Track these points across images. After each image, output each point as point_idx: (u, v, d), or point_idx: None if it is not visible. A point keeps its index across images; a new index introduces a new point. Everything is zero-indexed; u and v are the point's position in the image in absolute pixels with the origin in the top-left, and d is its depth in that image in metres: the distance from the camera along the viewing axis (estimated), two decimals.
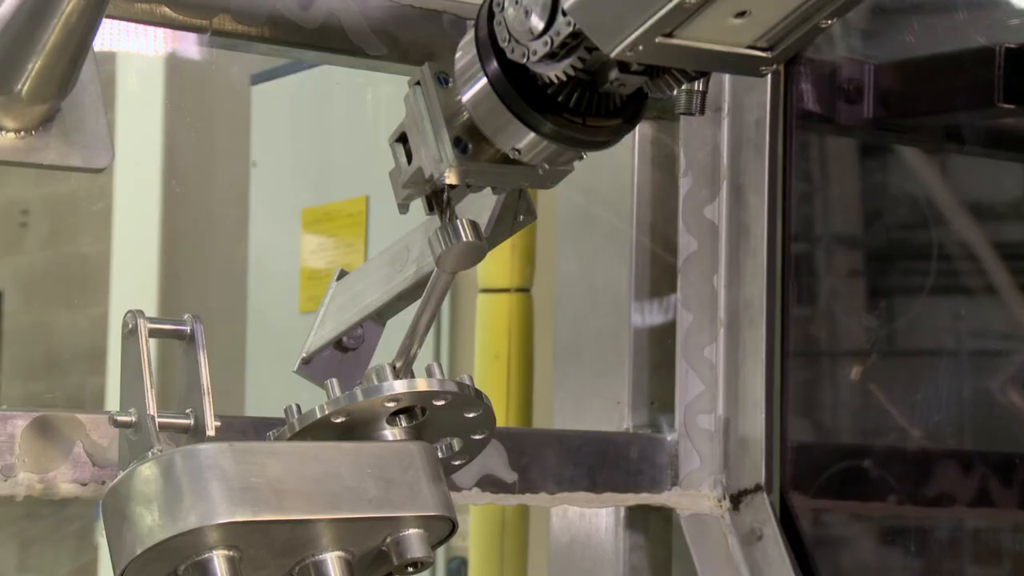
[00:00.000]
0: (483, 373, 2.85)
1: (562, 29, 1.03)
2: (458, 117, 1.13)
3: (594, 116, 1.10)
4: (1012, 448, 2.03)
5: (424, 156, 1.14)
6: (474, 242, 1.16)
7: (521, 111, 1.09)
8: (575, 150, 1.12)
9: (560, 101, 1.09)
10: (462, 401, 1.21)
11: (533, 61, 1.05)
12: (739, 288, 1.75)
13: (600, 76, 1.07)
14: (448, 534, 1.20)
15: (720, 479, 1.74)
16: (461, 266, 1.18)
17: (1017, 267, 2.11)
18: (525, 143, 1.11)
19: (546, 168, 1.14)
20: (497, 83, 1.09)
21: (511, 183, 1.17)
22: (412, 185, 1.17)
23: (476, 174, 1.14)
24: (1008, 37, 1.96)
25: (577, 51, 1.04)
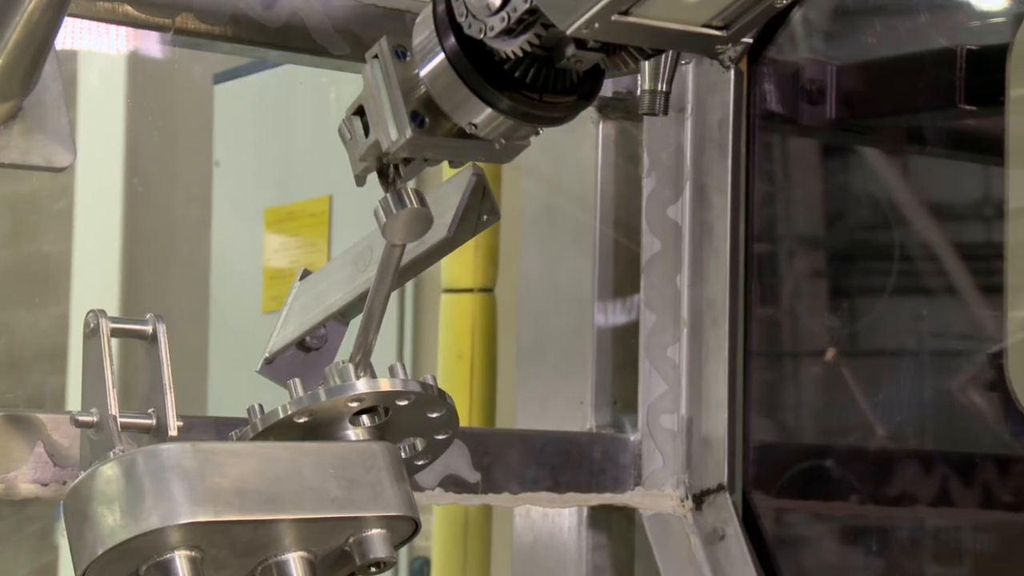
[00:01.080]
0: (446, 373, 2.85)
1: (519, 5, 1.03)
2: (415, 91, 1.13)
3: (551, 92, 1.11)
4: (973, 448, 2.04)
5: (381, 129, 1.14)
6: (419, 209, 1.16)
7: (478, 86, 1.10)
8: (531, 126, 1.13)
9: (517, 77, 1.10)
10: (425, 401, 1.21)
11: (490, 37, 1.06)
12: (702, 288, 1.76)
13: (557, 52, 1.08)
14: (411, 534, 1.20)
15: (683, 479, 1.75)
16: (408, 236, 1.17)
17: (978, 268, 2.12)
18: (482, 118, 1.11)
19: (503, 143, 1.15)
20: (454, 58, 1.09)
21: (468, 157, 1.18)
22: (369, 158, 1.17)
23: (433, 148, 1.15)
24: (969, 39, 1.97)
25: (534, 27, 1.04)
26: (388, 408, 1.21)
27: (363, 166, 1.17)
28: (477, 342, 2.84)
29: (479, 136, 1.13)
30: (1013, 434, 2.05)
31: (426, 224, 1.17)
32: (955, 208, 2.20)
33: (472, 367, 2.83)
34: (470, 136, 1.13)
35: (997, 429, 2.05)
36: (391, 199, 1.16)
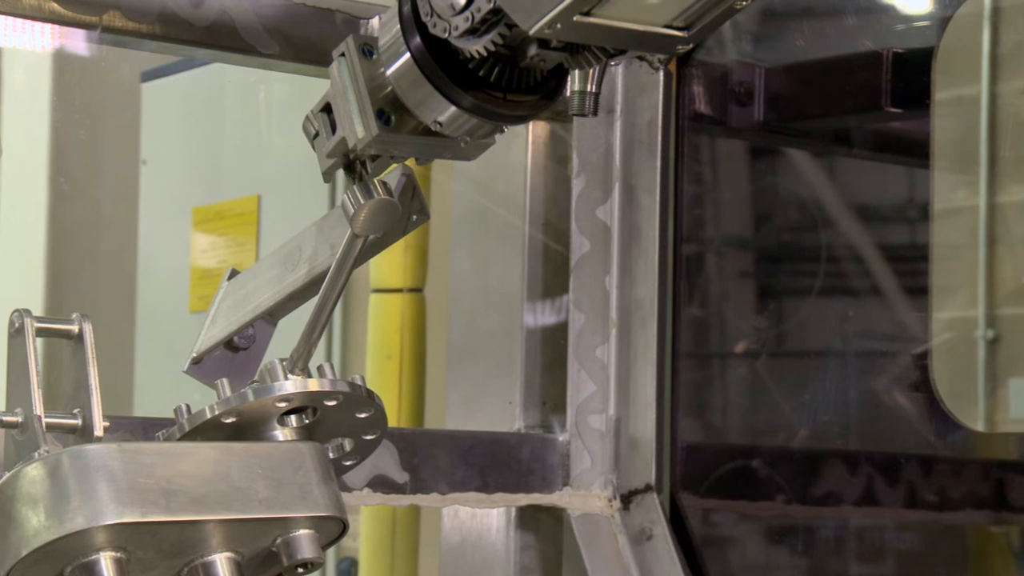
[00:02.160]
0: (375, 373, 2.84)
1: (483, 5, 1.05)
2: (382, 89, 1.14)
3: (514, 91, 1.12)
4: (897, 448, 2.06)
5: (347, 127, 1.15)
6: (387, 199, 1.17)
7: (442, 85, 1.11)
8: (496, 124, 1.14)
9: (481, 76, 1.11)
10: (354, 401, 1.21)
11: (455, 36, 1.07)
12: (631, 289, 1.76)
13: (520, 52, 1.09)
14: (339, 535, 1.20)
15: (611, 479, 1.75)
16: (375, 226, 1.18)
17: (903, 269, 2.14)
18: (446, 116, 1.13)
19: (468, 141, 1.16)
20: (419, 57, 1.11)
21: (433, 155, 1.19)
22: (336, 154, 1.17)
23: (399, 145, 1.16)
24: (895, 42, 1.98)
25: (497, 27, 1.06)
26: (316, 408, 1.20)
27: (330, 163, 1.18)
28: (406, 342, 2.84)
29: (444, 134, 1.14)
30: (937, 434, 2.07)
31: (393, 214, 1.18)
32: (881, 210, 2.21)
33: (401, 367, 2.83)
34: (435, 134, 1.15)
35: (922, 429, 2.07)
36: (358, 191, 1.16)
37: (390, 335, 2.85)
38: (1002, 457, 2.18)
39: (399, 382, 2.83)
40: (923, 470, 1.97)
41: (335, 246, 1.27)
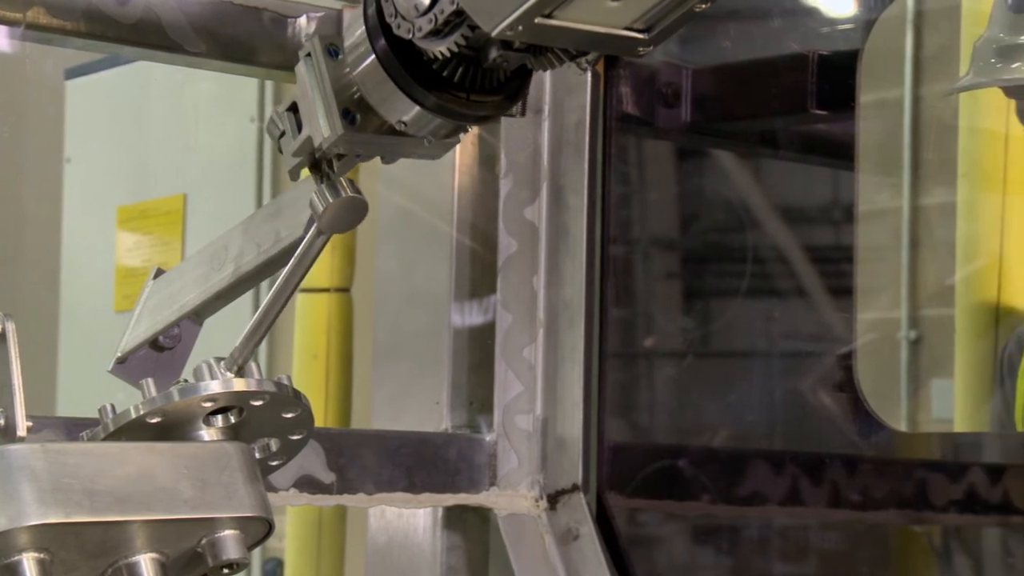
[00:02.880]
0: (301, 373, 2.83)
1: (446, 7, 1.06)
2: (347, 89, 1.15)
3: (478, 91, 1.13)
4: (822, 448, 2.07)
5: (313, 126, 1.16)
6: (355, 197, 1.17)
7: (407, 86, 1.12)
8: (459, 123, 1.15)
9: (445, 76, 1.12)
10: (280, 401, 1.21)
11: (419, 37, 1.08)
12: (558, 289, 1.76)
13: (483, 53, 1.10)
14: (264, 535, 1.19)
15: (538, 479, 1.75)
16: (342, 225, 1.19)
17: (828, 270, 2.15)
18: (411, 116, 1.14)
19: (431, 140, 1.17)
20: (384, 58, 1.12)
21: (398, 154, 1.20)
22: (302, 153, 1.18)
23: (364, 144, 1.17)
24: (821, 44, 2.00)
25: (461, 28, 1.07)
26: (242, 408, 1.20)
27: (296, 161, 1.19)
28: (333, 342, 2.83)
29: (409, 133, 1.15)
30: (861, 434, 2.08)
31: (360, 212, 1.19)
32: (807, 211, 2.23)
33: (328, 367, 2.82)
34: (400, 133, 1.16)
35: (846, 429, 2.09)
36: (325, 189, 1.17)
37: (316, 335, 2.84)
38: (924, 457, 2.20)
39: (325, 382, 2.82)
40: (847, 470, 1.99)
41: (261, 245, 1.27)
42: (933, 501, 2.01)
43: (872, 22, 2.09)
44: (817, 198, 2.24)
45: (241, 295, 1.32)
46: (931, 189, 2.65)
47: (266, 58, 1.50)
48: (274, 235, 1.28)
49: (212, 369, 1.19)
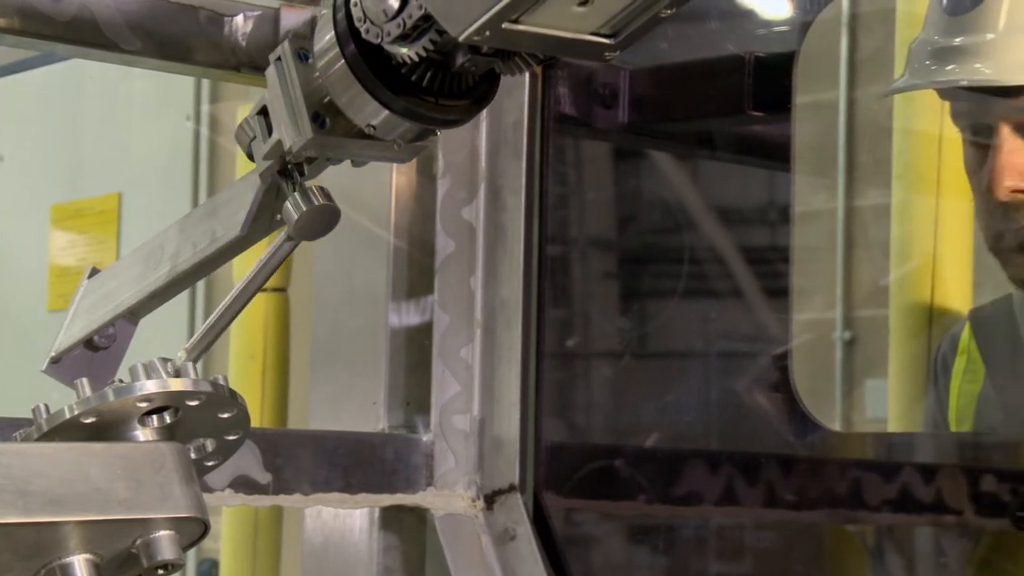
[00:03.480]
0: (238, 373, 2.82)
1: (414, 12, 1.06)
2: (317, 93, 1.16)
3: (446, 95, 1.14)
4: (757, 448, 2.08)
5: (283, 129, 1.17)
6: (327, 204, 1.19)
7: (376, 90, 1.13)
8: (428, 127, 1.16)
9: (413, 81, 1.13)
10: (216, 401, 1.20)
11: (387, 42, 1.09)
12: (496, 289, 1.77)
13: (451, 57, 1.11)
14: (200, 536, 1.19)
15: (474, 479, 1.75)
16: (314, 232, 1.19)
17: (764, 271, 2.16)
18: (380, 120, 1.14)
19: (400, 144, 1.18)
20: (353, 62, 1.13)
21: (368, 157, 1.21)
22: (272, 156, 1.19)
23: (334, 148, 1.18)
24: (757, 46, 2.01)
25: (429, 33, 1.08)
26: (178, 408, 1.19)
27: (267, 164, 1.20)
28: (269, 342, 2.83)
29: (378, 137, 1.16)
30: (797, 434, 2.10)
31: (334, 219, 1.19)
32: (744, 212, 2.24)
33: (264, 367, 2.81)
34: (369, 137, 1.16)
35: (782, 429, 2.10)
36: (299, 197, 1.18)
37: (253, 335, 2.83)
38: (858, 456, 2.22)
39: (262, 382, 2.81)
40: (782, 470, 2.00)
41: (198, 244, 1.27)
42: (867, 501, 2.03)
43: (808, 24, 2.10)
44: (753, 199, 2.26)
45: (177, 294, 1.31)
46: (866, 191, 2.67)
47: (202, 56, 1.50)
48: (210, 234, 1.27)
49: (147, 369, 1.19)
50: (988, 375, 2.06)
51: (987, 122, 1.91)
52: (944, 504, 2.04)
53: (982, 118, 1.92)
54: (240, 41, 1.46)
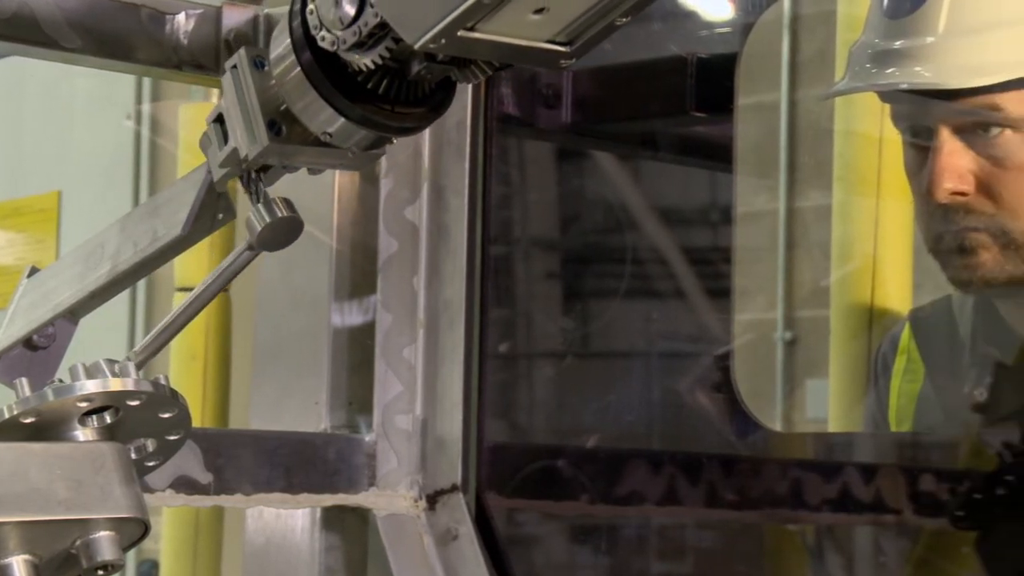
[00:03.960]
0: (179, 373, 2.82)
1: (370, 19, 1.07)
2: (273, 100, 1.16)
3: (403, 103, 1.14)
4: (699, 448, 2.09)
5: (239, 137, 1.17)
6: (291, 216, 1.18)
7: (331, 97, 1.13)
8: (384, 135, 1.16)
9: (370, 88, 1.13)
10: (157, 401, 1.20)
11: (343, 50, 1.09)
12: (439, 289, 1.77)
13: (407, 65, 1.12)
14: (140, 536, 1.18)
15: (417, 479, 1.75)
16: (276, 244, 1.20)
17: (706, 271, 2.17)
18: (336, 128, 1.15)
19: (356, 152, 1.18)
20: (309, 70, 1.13)
21: (324, 165, 1.21)
22: (228, 165, 1.19)
23: (289, 155, 1.18)
24: (699, 47, 2.01)
25: (385, 41, 1.08)
26: (119, 408, 1.19)
27: (223, 172, 1.20)
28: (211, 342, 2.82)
29: (334, 145, 1.16)
30: (738, 434, 2.11)
31: (297, 230, 1.19)
32: (686, 213, 2.25)
33: (206, 367, 2.80)
34: (326, 144, 1.16)
35: (723, 429, 2.11)
36: (262, 209, 1.18)
37: (195, 335, 2.82)
38: (799, 456, 2.23)
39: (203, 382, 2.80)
40: (724, 470, 2.01)
41: (138, 244, 1.26)
42: (807, 500, 2.04)
43: (750, 26, 2.11)
44: (695, 200, 2.26)
45: (118, 294, 1.31)
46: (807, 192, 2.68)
47: (143, 54, 1.49)
48: (151, 234, 1.27)
49: (88, 369, 1.18)
50: (927, 375, 2.08)
51: (927, 125, 1.92)
52: (883, 504, 2.05)
53: (922, 121, 1.93)
54: (182, 39, 1.45)
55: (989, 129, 1.87)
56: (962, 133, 1.89)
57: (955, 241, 1.90)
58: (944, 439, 2.13)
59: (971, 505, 1.93)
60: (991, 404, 1.99)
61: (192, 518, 2.82)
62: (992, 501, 1.90)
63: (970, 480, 1.97)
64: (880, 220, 2.47)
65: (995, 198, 1.88)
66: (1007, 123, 1.86)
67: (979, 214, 1.89)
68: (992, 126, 1.87)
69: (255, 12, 1.42)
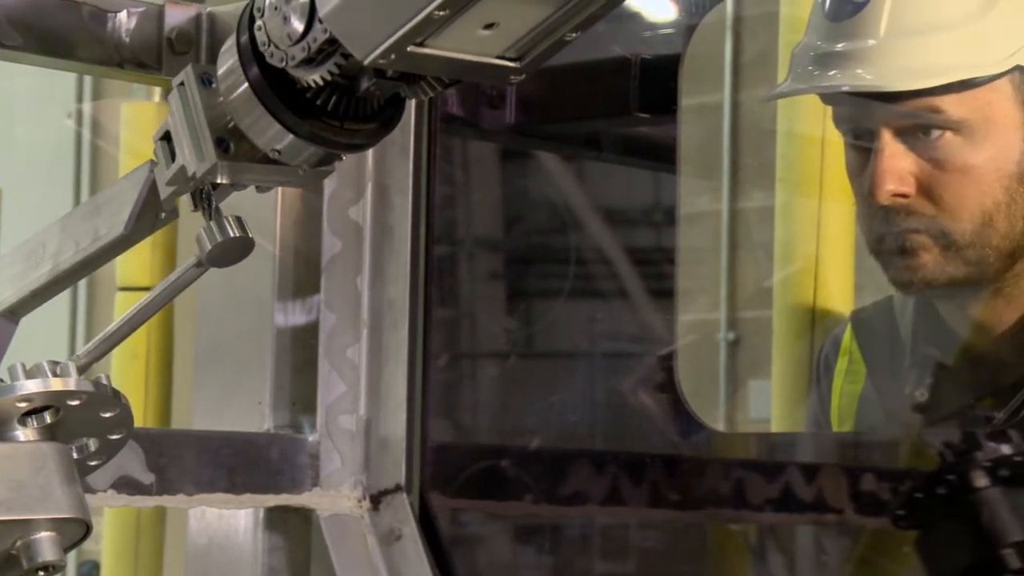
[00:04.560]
0: (121, 372, 2.80)
1: (319, 35, 1.06)
2: (221, 118, 1.15)
3: (352, 119, 1.14)
4: (643, 448, 2.10)
5: (187, 155, 1.16)
6: (242, 236, 1.18)
7: (280, 114, 1.12)
8: (334, 152, 1.16)
9: (319, 105, 1.12)
10: (98, 401, 1.19)
11: (292, 66, 1.09)
12: (383, 289, 1.76)
13: (357, 81, 1.11)
14: (82, 537, 1.18)
15: (360, 479, 1.75)
16: (226, 262, 1.20)
17: (650, 272, 2.18)
18: (284, 144, 1.14)
19: (305, 169, 1.17)
20: (257, 86, 1.12)
21: (273, 182, 1.20)
22: (176, 183, 1.18)
23: (238, 173, 1.17)
24: (643, 48, 2.02)
25: (334, 57, 1.07)
26: (59, 408, 1.18)
27: (170, 191, 1.19)
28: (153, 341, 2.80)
29: (283, 162, 1.16)
30: (682, 434, 2.11)
31: (247, 250, 1.19)
32: (630, 214, 2.25)
33: (148, 366, 2.79)
34: (274, 162, 1.16)
35: (667, 429, 2.11)
36: (214, 227, 1.18)
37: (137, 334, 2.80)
38: (741, 456, 2.24)
39: (145, 381, 2.79)
40: (667, 470, 2.01)
41: (80, 243, 1.26)
42: (750, 500, 2.05)
43: (693, 27, 2.12)
44: (639, 200, 2.27)
45: (59, 293, 1.30)
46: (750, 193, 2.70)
47: (85, 53, 1.48)
48: (93, 233, 1.26)
49: (28, 369, 1.17)
50: (869, 375, 2.09)
51: (869, 127, 1.93)
52: (825, 503, 2.06)
53: (864, 123, 1.94)
54: (124, 38, 1.45)
55: (930, 131, 1.88)
56: (903, 135, 1.90)
57: (896, 242, 1.91)
58: (885, 439, 2.14)
59: (912, 505, 1.94)
60: (931, 404, 2.00)
61: (134, 519, 2.81)
62: (932, 501, 1.91)
63: (911, 480, 1.98)
64: (822, 221, 2.48)
65: (936, 200, 1.90)
66: (948, 125, 1.88)
67: (920, 216, 1.90)
68: (933, 128, 1.88)
69: (197, 11, 1.41)
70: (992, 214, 1.88)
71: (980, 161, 1.88)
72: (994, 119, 1.88)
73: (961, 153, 1.88)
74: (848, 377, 2.10)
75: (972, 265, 1.90)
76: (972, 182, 1.88)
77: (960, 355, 2.02)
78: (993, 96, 1.87)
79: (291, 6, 1.07)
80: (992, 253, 1.89)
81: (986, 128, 1.88)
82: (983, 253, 1.89)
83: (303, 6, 1.06)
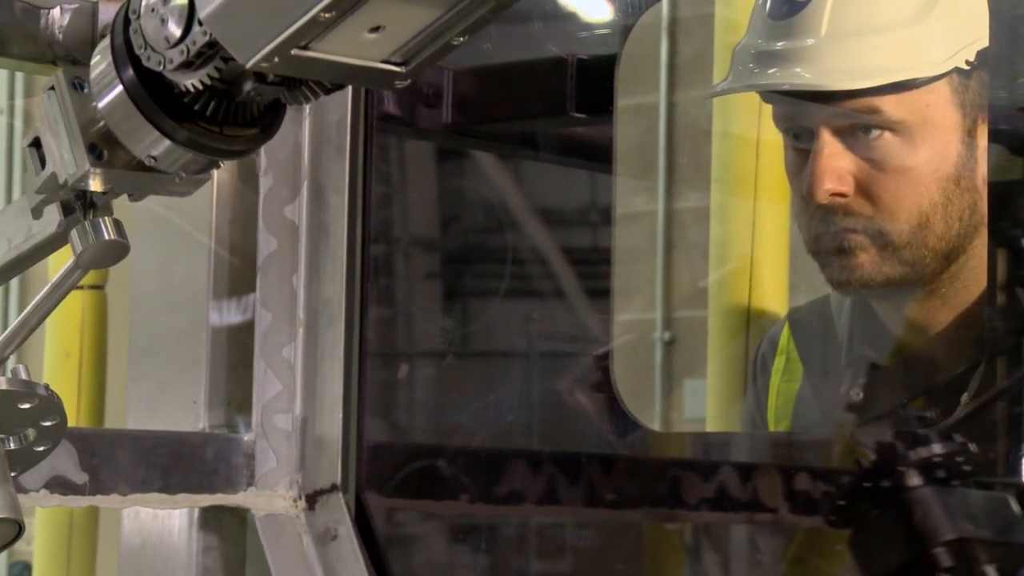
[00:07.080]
0: (54, 371, 2.78)
1: (198, 39, 1.04)
2: (94, 123, 1.12)
3: (231, 125, 1.11)
4: (579, 447, 2.10)
5: (58, 161, 1.13)
6: (117, 240, 1.15)
7: (156, 119, 1.10)
8: (212, 158, 1.13)
9: (197, 109, 1.10)
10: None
11: (169, 70, 1.06)
12: (319, 288, 1.76)
13: (237, 86, 1.08)
14: (14, 537, 1.16)
15: (296, 479, 1.74)
16: (101, 264, 1.17)
17: (586, 272, 2.18)
18: (161, 151, 1.11)
19: (183, 176, 1.15)
20: (132, 90, 1.09)
21: (148, 190, 1.17)
22: (45, 190, 1.15)
23: (111, 180, 1.14)
24: (579, 48, 2.02)
25: (213, 60, 1.05)
26: None
27: (40, 198, 1.16)
28: (86, 340, 2.78)
29: (159, 169, 1.13)
30: (618, 434, 2.12)
31: (122, 253, 1.16)
32: (566, 213, 2.25)
33: (81, 365, 2.77)
34: (150, 169, 1.13)
35: (603, 429, 2.12)
36: (88, 228, 1.15)
37: (70, 332, 2.79)
38: (676, 456, 2.24)
39: (79, 380, 2.76)
40: (603, 469, 2.02)
41: (12, 241, 1.24)
42: (685, 499, 2.05)
43: (629, 28, 2.12)
44: (575, 200, 2.27)
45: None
46: (685, 193, 2.70)
47: (17, 49, 1.47)
48: (25, 231, 1.25)
49: None
50: (806, 375, 2.10)
51: (808, 126, 1.93)
52: (760, 502, 2.07)
53: (803, 122, 1.95)
54: (57, 34, 1.43)
55: (869, 131, 1.89)
56: (842, 135, 1.91)
57: (834, 242, 1.92)
58: (820, 438, 2.15)
59: (845, 504, 1.95)
60: (866, 404, 2.01)
61: (66, 519, 2.78)
62: (866, 500, 1.92)
63: (845, 479, 1.99)
64: (757, 221, 2.49)
65: (874, 200, 1.90)
66: (886, 126, 1.88)
67: (858, 215, 1.91)
68: (871, 128, 1.89)
69: None
70: (929, 215, 1.89)
71: (918, 162, 1.89)
72: (932, 121, 1.89)
73: (899, 154, 1.89)
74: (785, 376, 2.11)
75: (908, 265, 1.91)
76: (910, 183, 1.89)
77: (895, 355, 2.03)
78: (931, 98, 1.88)
79: (168, 8, 1.05)
80: (928, 254, 1.90)
81: (924, 129, 1.89)
82: (919, 254, 1.90)
83: (181, 8, 1.04)
